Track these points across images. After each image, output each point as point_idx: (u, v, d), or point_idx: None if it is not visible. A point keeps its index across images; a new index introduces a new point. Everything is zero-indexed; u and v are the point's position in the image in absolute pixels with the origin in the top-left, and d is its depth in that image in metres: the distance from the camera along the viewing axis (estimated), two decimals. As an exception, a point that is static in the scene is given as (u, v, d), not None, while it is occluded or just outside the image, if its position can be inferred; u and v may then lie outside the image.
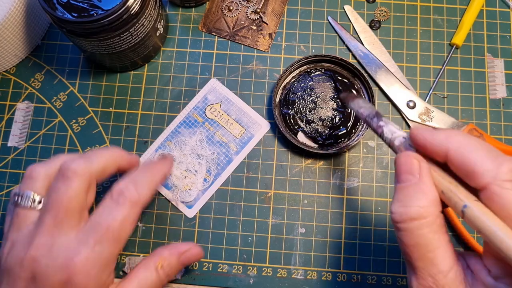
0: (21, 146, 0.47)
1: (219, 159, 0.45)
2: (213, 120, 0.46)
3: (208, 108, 0.46)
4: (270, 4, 0.50)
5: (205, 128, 0.46)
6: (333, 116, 0.45)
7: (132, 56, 0.45)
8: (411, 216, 0.26)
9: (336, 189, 0.45)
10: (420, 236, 0.26)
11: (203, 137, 0.45)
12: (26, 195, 0.34)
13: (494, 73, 0.48)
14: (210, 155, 0.45)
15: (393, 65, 0.48)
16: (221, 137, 0.45)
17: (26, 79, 0.49)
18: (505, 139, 0.46)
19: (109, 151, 0.37)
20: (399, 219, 0.27)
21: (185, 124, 0.46)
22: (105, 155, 0.36)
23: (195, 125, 0.46)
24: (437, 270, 0.26)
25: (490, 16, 0.49)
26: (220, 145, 0.45)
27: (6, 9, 0.43)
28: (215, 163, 0.45)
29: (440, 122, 0.45)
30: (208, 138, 0.45)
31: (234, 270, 0.43)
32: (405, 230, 0.26)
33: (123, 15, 0.38)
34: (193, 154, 0.45)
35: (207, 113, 0.46)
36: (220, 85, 0.47)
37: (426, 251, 0.26)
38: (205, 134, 0.46)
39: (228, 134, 0.46)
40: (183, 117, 0.46)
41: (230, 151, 0.45)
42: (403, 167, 0.28)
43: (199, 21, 0.50)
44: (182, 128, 0.46)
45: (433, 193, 0.27)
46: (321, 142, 0.45)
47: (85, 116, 0.47)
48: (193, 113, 0.46)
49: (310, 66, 0.47)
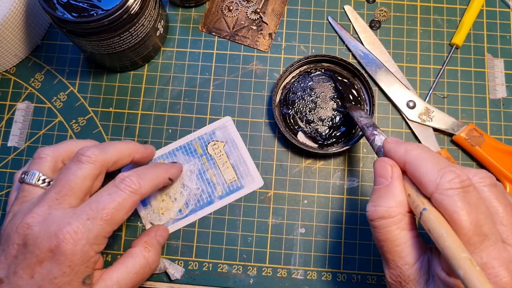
0: (21, 146, 0.47)
1: (201, 197, 0.44)
2: (211, 156, 0.45)
3: (211, 143, 0.46)
4: (270, 4, 0.50)
5: (201, 162, 0.45)
6: (333, 116, 0.45)
7: (132, 56, 0.45)
8: (381, 215, 0.30)
9: (336, 189, 0.45)
10: (389, 232, 0.30)
11: (195, 169, 0.45)
12: (32, 173, 0.36)
13: (494, 73, 0.48)
14: (194, 189, 0.44)
15: (393, 65, 0.48)
16: (212, 176, 0.45)
17: (26, 79, 0.49)
18: (505, 139, 0.46)
19: (124, 144, 0.39)
20: (370, 217, 0.31)
21: (184, 149, 0.45)
22: (119, 148, 0.38)
23: (193, 155, 0.45)
24: (404, 262, 0.29)
25: (490, 16, 0.49)
26: (208, 184, 0.45)
27: (6, 9, 0.43)
28: (196, 198, 0.44)
29: (440, 122, 0.45)
30: (200, 172, 0.45)
31: (234, 270, 0.43)
32: (377, 227, 0.30)
33: (123, 15, 0.38)
34: (179, 181, 0.44)
35: (208, 147, 0.45)
36: (232, 125, 0.46)
37: (394, 245, 0.30)
38: (198, 167, 0.45)
39: (220, 176, 0.45)
40: (184, 142, 0.46)
41: (215, 193, 0.44)
42: (377, 171, 0.32)
43: (199, 21, 0.50)
44: (180, 152, 0.45)
45: (401, 196, 0.30)
46: (321, 142, 0.45)
47: (85, 116, 0.47)
48: (196, 142, 0.45)
49: (310, 66, 0.47)
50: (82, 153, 0.35)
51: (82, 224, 0.33)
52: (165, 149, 0.46)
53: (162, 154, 0.45)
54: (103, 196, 0.34)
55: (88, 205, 0.34)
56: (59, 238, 0.32)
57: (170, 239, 0.44)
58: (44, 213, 0.33)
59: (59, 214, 0.33)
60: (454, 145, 0.46)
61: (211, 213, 0.44)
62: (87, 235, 0.33)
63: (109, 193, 0.35)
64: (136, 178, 0.36)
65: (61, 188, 0.34)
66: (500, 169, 0.44)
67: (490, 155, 0.44)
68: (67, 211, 0.34)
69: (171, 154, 0.45)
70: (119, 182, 0.35)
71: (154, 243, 0.40)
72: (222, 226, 0.44)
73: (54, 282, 0.32)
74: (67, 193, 0.34)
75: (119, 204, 0.34)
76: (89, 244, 0.33)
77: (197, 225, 0.44)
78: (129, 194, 0.35)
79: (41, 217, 0.33)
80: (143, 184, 0.36)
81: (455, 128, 0.45)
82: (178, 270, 0.43)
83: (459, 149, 0.46)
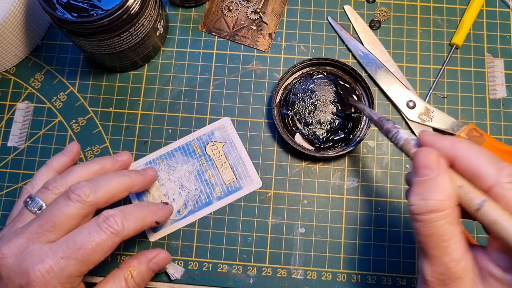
0: (21, 146, 0.47)
1: (200, 198, 0.44)
2: (210, 157, 0.45)
3: (210, 144, 0.45)
4: (270, 4, 0.50)
5: (199, 162, 0.45)
6: (331, 120, 0.45)
7: (132, 56, 0.45)
8: (430, 209, 0.28)
9: (336, 189, 0.45)
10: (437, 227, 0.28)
11: (193, 170, 0.45)
12: (37, 202, 0.36)
13: (494, 73, 0.48)
14: (193, 190, 0.44)
15: (393, 65, 0.48)
16: (211, 177, 0.45)
17: (26, 79, 0.49)
18: (505, 139, 0.46)
19: (119, 180, 0.37)
20: (418, 211, 0.28)
21: (182, 150, 0.45)
22: (113, 186, 0.36)
23: (191, 156, 0.45)
24: (450, 259, 0.28)
25: (490, 16, 0.49)
26: (206, 185, 0.44)
27: (6, 9, 0.43)
28: (194, 199, 0.44)
29: (440, 122, 0.45)
30: (198, 173, 0.45)
31: (234, 270, 0.43)
32: (423, 221, 0.28)
33: (123, 15, 0.38)
34: (178, 182, 0.44)
35: (207, 148, 0.45)
36: (231, 126, 0.46)
37: (441, 240, 0.28)
38: (196, 168, 0.45)
39: (218, 176, 0.45)
40: (183, 143, 0.46)
41: (214, 194, 0.44)
42: (422, 161, 0.29)
43: (199, 21, 0.50)
44: (178, 153, 0.45)
45: (450, 188, 0.28)
46: (318, 145, 0.45)
47: (85, 116, 0.47)
48: (194, 142, 0.45)
49: (313, 68, 0.47)
50: (73, 190, 0.34)
51: (56, 263, 0.32)
52: (164, 150, 0.46)
53: (161, 155, 0.45)
54: (81, 234, 0.33)
55: (66, 242, 0.33)
56: (30, 277, 0.31)
57: (170, 239, 0.44)
58: (22, 246, 0.32)
59: (35, 249, 0.32)
60: (454, 145, 0.46)
61: (210, 213, 0.44)
62: (59, 274, 0.32)
63: (89, 232, 0.33)
64: (120, 219, 0.34)
65: (44, 222, 0.33)
66: (500, 169, 0.44)
67: (490, 155, 0.44)
68: (44, 247, 0.33)
69: (169, 155, 0.45)
70: (102, 221, 0.34)
71: (143, 271, 0.38)
72: (222, 226, 0.44)
73: None
74: (49, 229, 0.33)
75: (97, 245, 0.33)
76: (61, 283, 0.32)
77: (197, 225, 0.44)
78: (109, 235, 0.33)
79: (18, 249, 0.32)
80: (127, 225, 0.34)
81: (455, 128, 0.45)
82: (178, 270, 0.43)
83: (459, 149, 0.46)
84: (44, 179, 0.39)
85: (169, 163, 0.45)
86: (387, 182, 0.45)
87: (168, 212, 0.41)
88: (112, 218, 0.34)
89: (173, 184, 0.44)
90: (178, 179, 0.44)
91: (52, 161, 0.41)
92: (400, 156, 0.46)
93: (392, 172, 0.45)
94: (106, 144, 0.46)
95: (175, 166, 0.45)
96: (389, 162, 0.46)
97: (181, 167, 0.45)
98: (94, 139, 0.47)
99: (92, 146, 0.46)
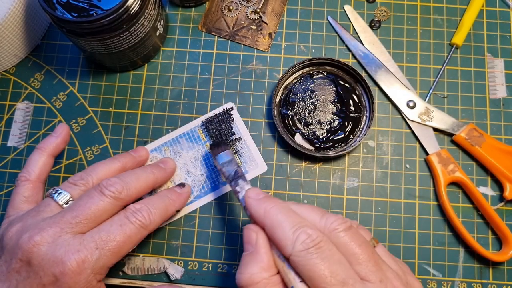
0: (20, 146, 0.47)
1: (206, 183, 0.44)
2: None
3: None
4: (270, 4, 0.50)
5: (205, 148, 0.45)
6: (331, 120, 0.45)
7: (132, 56, 0.45)
8: (244, 283, 0.30)
9: (336, 189, 0.45)
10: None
11: (199, 156, 0.45)
12: (65, 195, 0.36)
13: (494, 73, 0.48)
14: (199, 175, 0.44)
15: (393, 65, 0.48)
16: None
17: (26, 79, 0.49)
18: (505, 139, 0.46)
19: (146, 177, 0.39)
20: (237, 285, 0.30)
21: (187, 136, 0.45)
22: (141, 182, 0.38)
23: (196, 142, 0.45)
24: None
25: (490, 16, 0.49)
26: (212, 170, 0.45)
27: (6, 9, 0.43)
28: (200, 184, 0.44)
29: (440, 122, 0.45)
30: (204, 158, 0.45)
31: (234, 270, 0.43)
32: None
33: (122, 15, 0.38)
34: (184, 168, 0.44)
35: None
36: (235, 112, 0.46)
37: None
38: (202, 154, 0.45)
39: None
40: (188, 129, 0.46)
41: (220, 179, 0.44)
42: (244, 238, 0.32)
43: (199, 21, 0.50)
44: (184, 139, 0.45)
45: (265, 261, 0.30)
46: (318, 145, 0.44)
47: (84, 116, 0.47)
48: (199, 128, 0.46)
49: (313, 68, 0.47)
50: (107, 186, 0.35)
51: (91, 253, 0.33)
52: (168, 136, 0.46)
53: (166, 141, 0.45)
54: (113, 226, 0.34)
55: (98, 234, 0.34)
56: (66, 265, 0.32)
57: (170, 239, 0.44)
58: (55, 235, 0.33)
59: (69, 239, 0.33)
60: (454, 145, 0.46)
61: (212, 216, 0.44)
62: (93, 265, 0.33)
63: (120, 225, 0.35)
64: (147, 213, 0.36)
65: (78, 214, 0.34)
66: (500, 169, 0.44)
67: (490, 155, 0.44)
68: (76, 237, 0.33)
69: (174, 141, 0.45)
70: (130, 214, 0.35)
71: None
72: (222, 226, 0.44)
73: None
74: (83, 221, 0.34)
75: (128, 237, 0.34)
76: (94, 273, 0.33)
77: (197, 225, 0.44)
78: (138, 228, 0.35)
79: (51, 238, 0.33)
80: (153, 219, 0.36)
81: (455, 128, 0.45)
82: (178, 270, 0.43)
83: (459, 149, 0.46)
84: (39, 164, 0.39)
85: (174, 149, 0.45)
86: (387, 182, 0.45)
87: (186, 198, 0.42)
88: (140, 212, 0.36)
89: (179, 171, 0.44)
90: (184, 165, 0.44)
91: (44, 144, 0.40)
92: (401, 156, 0.46)
93: (392, 172, 0.45)
94: (106, 144, 0.46)
95: (180, 152, 0.45)
96: (389, 162, 0.45)
97: (187, 153, 0.45)
98: (94, 139, 0.47)
99: (92, 146, 0.46)
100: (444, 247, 0.43)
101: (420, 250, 0.43)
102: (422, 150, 0.46)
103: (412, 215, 0.44)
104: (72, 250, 0.32)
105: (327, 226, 0.30)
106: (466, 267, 0.43)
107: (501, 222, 0.42)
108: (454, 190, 0.45)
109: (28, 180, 0.38)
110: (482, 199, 0.43)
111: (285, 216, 0.30)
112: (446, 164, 0.44)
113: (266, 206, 0.31)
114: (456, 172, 0.44)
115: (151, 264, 0.43)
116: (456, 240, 0.44)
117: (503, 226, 0.42)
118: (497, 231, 0.43)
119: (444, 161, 0.44)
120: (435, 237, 0.44)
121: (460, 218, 0.44)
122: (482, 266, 0.43)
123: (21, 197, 0.38)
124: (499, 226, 0.42)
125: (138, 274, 0.43)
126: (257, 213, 0.32)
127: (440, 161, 0.44)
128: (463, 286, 0.43)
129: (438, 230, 0.44)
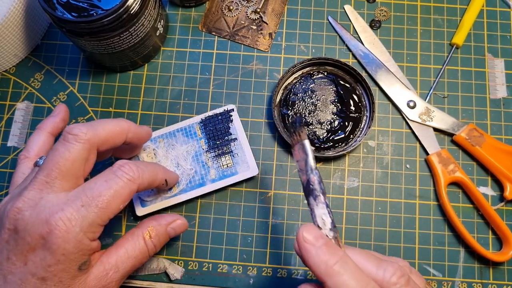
0: (20, 146, 0.47)
1: (193, 178, 0.44)
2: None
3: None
4: (270, 4, 0.50)
5: (199, 145, 0.45)
6: (332, 120, 0.45)
7: (132, 56, 0.45)
8: None
9: (336, 189, 0.45)
10: None
11: (191, 151, 0.44)
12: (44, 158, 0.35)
13: (494, 73, 0.48)
14: (188, 169, 0.44)
15: (393, 65, 0.48)
16: (208, 159, 0.44)
17: (26, 79, 0.49)
18: (505, 139, 0.46)
19: (116, 121, 0.36)
20: None
21: (184, 131, 0.45)
22: (110, 125, 0.35)
23: (192, 137, 0.45)
24: None
25: (490, 16, 0.49)
26: (202, 166, 0.44)
27: (6, 9, 0.43)
28: (188, 179, 0.44)
29: (440, 122, 0.45)
30: (196, 154, 0.44)
31: (234, 270, 0.43)
32: None
33: (122, 14, 0.38)
34: (174, 161, 0.44)
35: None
36: (236, 114, 0.45)
37: None
38: (194, 149, 0.45)
39: (215, 160, 0.45)
40: (186, 124, 0.45)
41: (208, 176, 0.44)
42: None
43: (199, 21, 0.50)
44: (180, 134, 0.45)
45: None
46: (318, 145, 0.44)
47: (84, 116, 0.47)
48: (197, 125, 0.45)
49: (313, 68, 0.47)
50: (69, 131, 0.33)
51: (76, 210, 0.31)
52: (165, 129, 0.45)
53: (162, 134, 0.45)
54: (98, 182, 0.33)
55: (83, 191, 0.32)
56: (51, 225, 0.30)
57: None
58: (35, 197, 0.32)
59: (51, 199, 0.32)
60: (455, 145, 0.46)
61: (212, 216, 0.44)
62: (81, 222, 0.31)
63: (106, 180, 0.33)
64: (134, 166, 0.34)
65: (49, 171, 0.32)
66: (500, 169, 0.44)
67: (491, 155, 0.44)
68: (60, 195, 0.32)
69: (170, 134, 0.45)
70: (116, 168, 0.34)
71: (161, 233, 0.38)
72: (222, 226, 0.44)
73: (48, 270, 0.31)
74: (57, 176, 0.32)
75: (116, 192, 0.32)
76: (83, 232, 0.31)
77: (197, 225, 0.44)
78: (126, 182, 0.33)
79: (32, 201, 0.32)
80: (142, 173, 0.34)
81: (455, 128, 0.45)
82: (178, 270, 0.43)
83: (460, 149, 0.46)
84: (39, 142, 0.39)
85: (169, 141, 0.45)
86: (387, 182, 0.45)
87: (175, 177, 0.41)
88: (127, 165, 0.34)
89: (169, 162, 0.44)
90: (175, 157, 0.44)
91: (43, 124, 0.40)
92: (401, 156, 0.46)
93: (393, 172, 0.45)
94: (106, 144, 0.46)
95: (174, 145, 0.45)
96: (389, 162, 0.45)
97: (180, 146, 0.45)
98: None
99: (92, 146, 0.46)
100: (444, 247, 0.43)
101: (420, 250, 0.43)
102: (422, 150, 0.46)
103: (412, 215, 0.44)
104: (56, 209, 0.31)
105: (386, 280, 0.29)
106: (466, 267, 0.43)
107: (501, 222, 0.42)
108: (454, 190, 0.45)
109: (27, 157, 0.38)
110: (482, 199, 0.43)
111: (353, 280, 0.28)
112: (446, 164, 0.44)
113: (328, 260, 0.29)
114: (456, 172, 0.44)
115: (151, 264, 0.43)
116: (456, 240, 0.44)
117: (503, 226, 0.42)
118: (497, 231, 0.43)
119: (444, 161, 0.44)
120: (435, 237, 0.44)
121: (460, 218, 0.44)
122: (482, 266, 0.43)
123: (20, 174, 0.37)
124: (499, 226, 0.42)
125: (138, 274, 0.43)
126: (317, 268, 0.29)
127: (440, 161, 0.44)
128: (463, 286, 0.43)
129: (438, 230, 0.44)
